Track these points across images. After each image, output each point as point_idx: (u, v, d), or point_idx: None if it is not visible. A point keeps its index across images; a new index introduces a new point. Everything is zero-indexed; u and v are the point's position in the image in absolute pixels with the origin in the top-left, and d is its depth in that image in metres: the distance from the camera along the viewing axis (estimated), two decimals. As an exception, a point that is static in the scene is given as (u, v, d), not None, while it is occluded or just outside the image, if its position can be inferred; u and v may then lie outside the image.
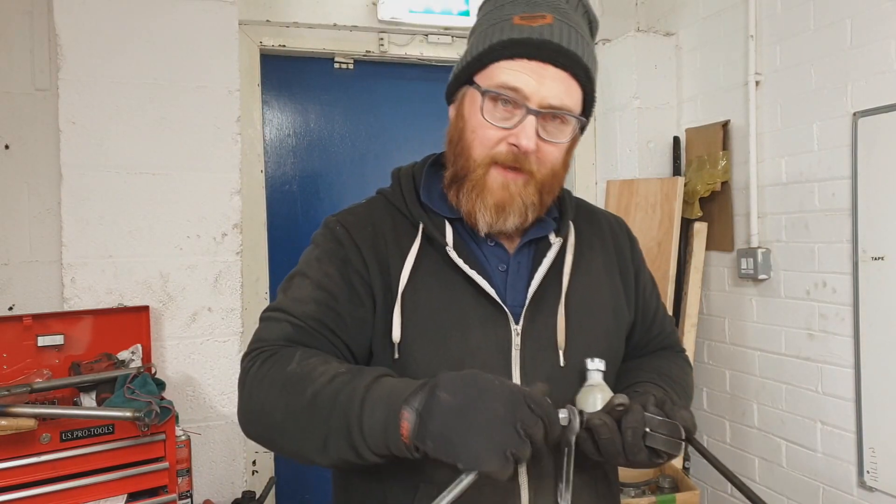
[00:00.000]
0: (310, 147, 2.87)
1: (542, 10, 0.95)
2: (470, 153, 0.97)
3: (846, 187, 2.14)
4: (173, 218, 2.33)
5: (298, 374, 0.87)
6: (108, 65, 2.26)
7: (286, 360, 0.90)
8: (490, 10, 1.00)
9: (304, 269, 1.02)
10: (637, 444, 0.84)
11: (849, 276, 2.15)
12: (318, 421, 0.83)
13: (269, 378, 0.89)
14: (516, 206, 0.96)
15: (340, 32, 2.77)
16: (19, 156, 2.31)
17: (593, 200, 3.13)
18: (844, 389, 2.18)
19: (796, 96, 2.33)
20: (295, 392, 0.86)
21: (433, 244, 1.00)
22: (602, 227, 1.13)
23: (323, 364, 0.88)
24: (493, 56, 0.95)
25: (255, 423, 0.91)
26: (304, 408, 0.85)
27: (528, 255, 1.03)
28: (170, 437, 1.88)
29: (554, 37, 0.93)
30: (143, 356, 2.17)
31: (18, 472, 1.70)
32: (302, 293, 0.98)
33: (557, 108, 0.94)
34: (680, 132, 2.92)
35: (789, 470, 2.41)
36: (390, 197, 1.07)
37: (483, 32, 0.98)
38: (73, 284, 2.23)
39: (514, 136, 0.93)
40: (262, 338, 0.96)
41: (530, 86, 0.92)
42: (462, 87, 1.00)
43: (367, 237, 1.01)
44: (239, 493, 2.34)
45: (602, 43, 3.07)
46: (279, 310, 0.98)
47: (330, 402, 0.83)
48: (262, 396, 0.89)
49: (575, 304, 1.01)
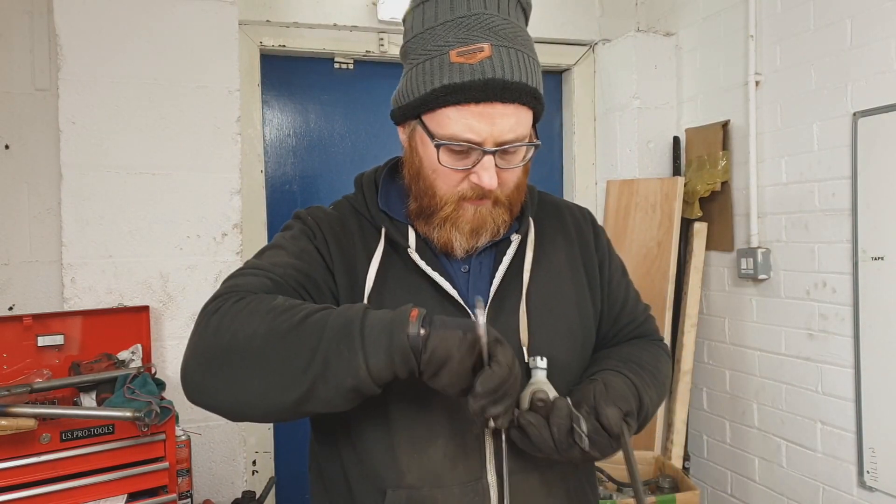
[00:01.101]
0: (310, 147, 2.87)
1: (477, 38, 0.92)
2: (435, 192, 0.98)
3: (846, 187, 2.14)
4: (173, 218, 2.33)
5: (285, 305, 0.84)
6: (108, 65, 2.26)
7: (267, 298, 0.86)
8: (420, 33, 0.97)
9: (278, 242, 1.02)
10: (563, 441, 0.86)
11: (849, 276, 2.15)
12: (308, 336, 0.80)
13: (248, 309, 0.84)
14: (489, 227, 0.99)
15: (340, 32, 2.77)
16: (19, 156, 2.31)
17: (593, 200, 3.14)
18: (844, 389, 2.18)
19: (796, 96, 2.33)
20: (282, 317, 0.82)
21: (396, 248, 1.02)
22: (566, 220, 1.14)
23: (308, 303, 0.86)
24: (438, 102, 0.93)
25: (216, 359, 0.83)
26: (294, 329, 0.81)
27: (490, 255, 1.05)
28: (170, 437, 1.88)
29: (496, 72, 0.91)
30: (143, 356, 2.17)
31: (18, 472, 1.70)
32: (279, 259, 0.97)
33: (511, 141, 0.94)
34: (680, 132, 2.92)
35: (789, 470, 2.41)
36: (354, 203, 1.09)
37: (421, 67, 0.95)
38: (73, 284, 2.23)
39: (476, 176, 0.94)
40: (238, 285, 0.91)
41: (483, 132, 0.92)
42: (411, 119, 0.99)
43: (335, 234, 1.03)
44: (239, 493, 2.34)
45: (602, 43, 3.08)
46: (256, 267, 0.95)
47: (323, 319, 0.81)
48: (235, 326, 0.82)
49: (536, 300, 1.02)
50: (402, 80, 1.02)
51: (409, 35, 1.01)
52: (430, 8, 0.96)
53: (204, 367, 0.84)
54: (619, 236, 2.90)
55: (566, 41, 3.07)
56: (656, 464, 2.51)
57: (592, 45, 3.12)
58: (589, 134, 3.16)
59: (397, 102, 1.02)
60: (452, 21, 0.94)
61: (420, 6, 0.99)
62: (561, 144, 3.25)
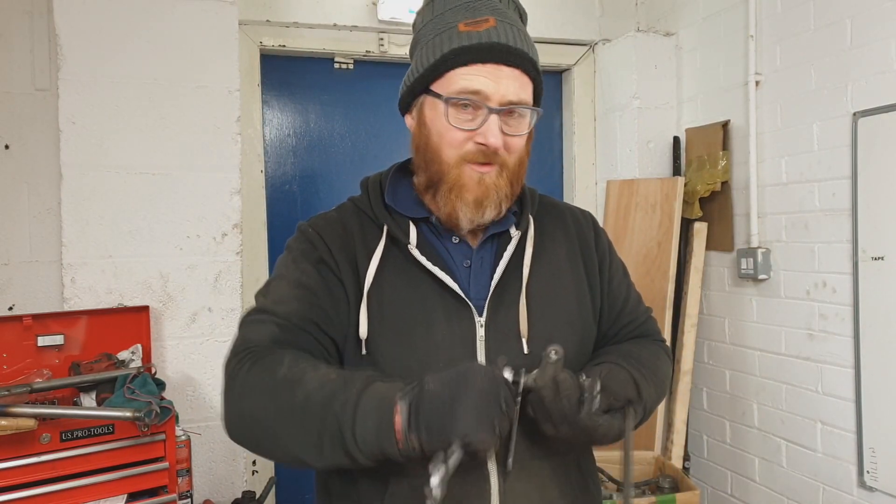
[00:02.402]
0: (310, 147, 2.87)
1: (483, 13, 1.00)
2: (440, 157, 1.01)
3: (846, 187, 2.14)
4: (173, 218, 2.33)
5: (289, 378, 0.89)
6: (108, 65, 2.26)
7: (276, 364, 0.91)
8: (429, 20, 1.04)
9: (281, 271, 1.05)
10: (572, 407, 0.88)
11: (849, 276, 2.15)
12: (310, 424, 0.86)
13: (259, 383, 0.91)
14: (492, 199, 1.01)
15: (340, 32, 2.77)
16: (19, 156, 2.31)
17: (593, 200, 3.14)
18: (844, 389, 2.18)
19: (796, 96, 2.33)
20: (286, 396, 0.88)
21: (398, 244, 1.04)
22: (566, 219, 1.17)
23: (313, 369, 0.90)
24: (447, 64, 0.99)
25: (245, 427, 0.93)
26: (296, 411, 0.87)
27: (491, 250, 1.07)
28: (170, 437, 1.88)
29: (501, 38, 0.98)
30: (143, 356, 2.17)
31: (18, 472, 1.70)
32: (281, 293, 1.01)
33: (516, 103, 0.99)
34: (680, 132, 2.92)
35: (789, 470, 2.41)
36: (358, 203, 1.11)
37: (430, 43, 1.02)
38: (73, 284, 2.23)
39: (482, 136, 0.98)
40: (248, 339, 0.98)
41: (489, 87, 0.97)
42: (418, 97, 1.04)
43: (336, 237, 1.05)
44: (239, 493, 2.34)
45: (602, 43, 3.08)
46: (261, 311, 1.00)
47: (322, 407, 0.86)
48: (252, 402, 0.91)
49: (536, 293, 1.05)
50: (410, 66, 1.07)
51: (419, 27, 1.07)
52: (440, 1, 1.04)
53: (237, 432, 0.94)
54: (619, 236, 2.90)
55: (566, 41, 3.07)
56: (656, 464, 2.51)
57: (592, 45, 3.12)
58: (589, 134, 3.16)
59: (406, 84, 1.06)
60: (460, 5, 1.02)
61: (430, 3, 1.06)
62: (561, 144, 3.25)
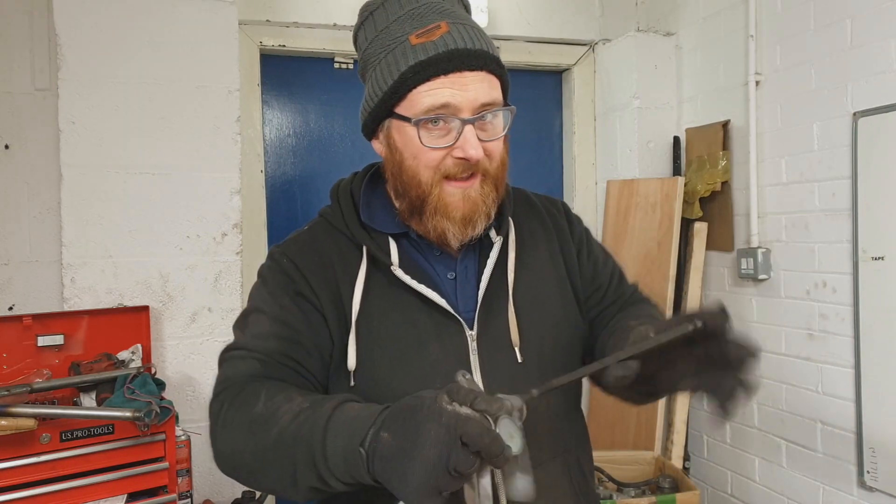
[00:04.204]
0: (310, 147, 2.87)
1: (431, 19, 0.94)
2: (419, 179, 0.96)
3: (846, 187, 2.14)
4: (173, 218, 2.33)
5: (263, 415, 0.86)
6: (108, 65, 2.26)
7: (252, 399, 0.89)
8: (374, 37, 0.98)
9: (259, 304, 1.00)
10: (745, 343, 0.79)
11: (849, 276, 2.15)
12: (284, 459, 0.83)
13: (237, 422, 0.89)
14: (481, 212, 0.97)
15: (340, 32, 2.77)
16: (19, 156, 2.31)
17: (593, 200, 3.14)
18: (844, 389, 2.18)
19: (796, 96, 2.33)
20: (261, 434, 0.85)
21: (379, 265, 1.00)
22: (541, 213, 1.13)
23: (287, 402, 0.86)
24: (407, 84, 0.93)
25: (231, 466, 0.91)
26: (270, 447, 0.84)
27: (474, 258, 1.04)
28: (170, 437, 1.88)
29: (458, 43, 0.92)
30: (143, 356, 2.17)
31: (18, 472, 1.70)
32: (261, 329, 0.97)
33: (490, 104, 0.94)
34: (680, 132, 2.92)
35: (789, 470, 2.41)
36: (331, 219, 1.05)
37: (383, 62, 0.95)
38: (73, 284, 2.23)
39: (460, 150, 0.93)
40: (227, 377, 0.95)
41: (457, 98, 0.92)
42: (382, 121, 0.99)
43: (314, 266, 1.00)
44: (239, 493, 2.34)
45: (602, 43, 3.07)
46: (241, 348, 0.97)
47: (293, 439, 0.82)
48: (231, 441, 0.89)
49: (523, 299, 1.02)
50: (366, 89, 1.00)
51: (364, 45, 1.01)
52: (380, 14, 0.98)
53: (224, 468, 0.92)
54: (619, 236, 2.90)
55: (566, 41, 3.06)
56: (656, 464, 2.51)
57: (592, 45, 3.11)
58: (589, 134, 3.16)
59: (366, 109, 1.00)
60: (404, 14, 0.96)
61: (370, 17, 1.00)
62: (561, 144, 3.25)
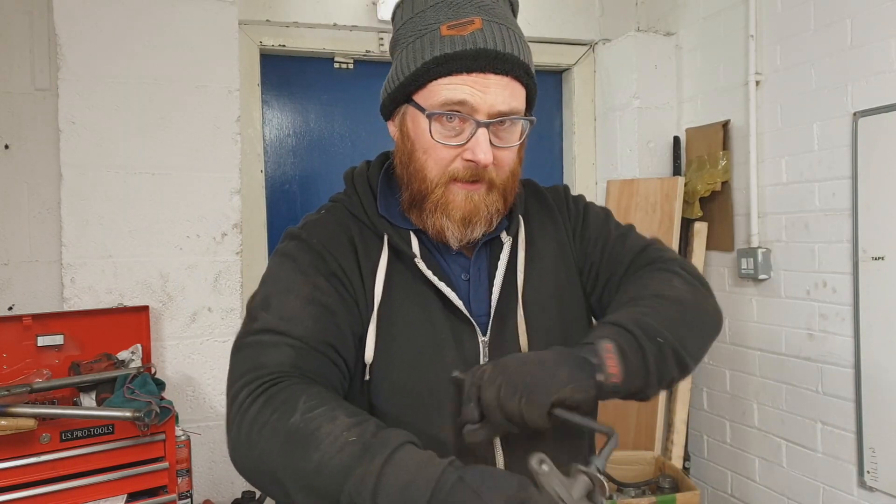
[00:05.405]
0: (310, 147, 2.87)
1: (467, 13, 0.90)
2: (425, 174, 0.94)
3: (846, 187, 2.14)
4: (173, 218, 2.33)
5: (302, 431, 0.78)
6: (108, 65, 2.26)
7: (289, 406, 0.80)
8: (409, 19, 0.95)
9: (288, 284, 0.93)
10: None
11: (849, 276, 2.15)
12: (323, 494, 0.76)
13: (270, 428, 0.80)
14: (482, 215, 0.95)
15: (340, 32, 2.77)
16: (19, 156, 2.31)
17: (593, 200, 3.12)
18: (844, 389, 2.18)
19: (796, 96, 2.33)
20: (299, 454, 0.78)
21: (400, 256, 0.97)
22: (549, 202, 1.11)
23: (329, 421, 0.78)
24: (429, 74, 0.90)
25: (253, 472, 0.83)
26: (308, 475, 0.77)
27: (485, 260, 1.02)
28: (170, 437, 1.88)
29: (488, 43, 0.89)
30: (143, 356, 2.17)
31: (18, 472, 1.70)
32: (293, 310, 0.90)
33: (507, 113, 0.91)
34: (680, 132, 2.92)
35: (789, 470, 2.41)
36: (349, 206, 1.02)
37: (411, 46, 0.93)
38: (73, 284, 2.23)
39: (470, 152, 0.90)
40: (259, 364, 0.85)
41: (475, 98, 0.89)
42: (401, 104, 0.97)
43: (342, 248, 0.97)
44: (239, 493, 2.34)
45: (602, 43, 3.07)
46: (271, 331, 0.88)
47: (337, 478, 0.75)
48: (261, 445, 0.80)
49: (532, 301, 1.00)
50: (391, 69, 0.98)
51: (399, 24, 0.98)
52: None
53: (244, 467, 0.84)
54: (619, 236, 2.90)
55: (566, 41, 3.06)
56: (656, 464, 2.51)
57: (592, 45, 3.11)
58: (589, 134, 3.16)
59: (387, 90, 0.98)
60: (443, 2, 0.93)
61: None
62: (561, 144, 3.24)
